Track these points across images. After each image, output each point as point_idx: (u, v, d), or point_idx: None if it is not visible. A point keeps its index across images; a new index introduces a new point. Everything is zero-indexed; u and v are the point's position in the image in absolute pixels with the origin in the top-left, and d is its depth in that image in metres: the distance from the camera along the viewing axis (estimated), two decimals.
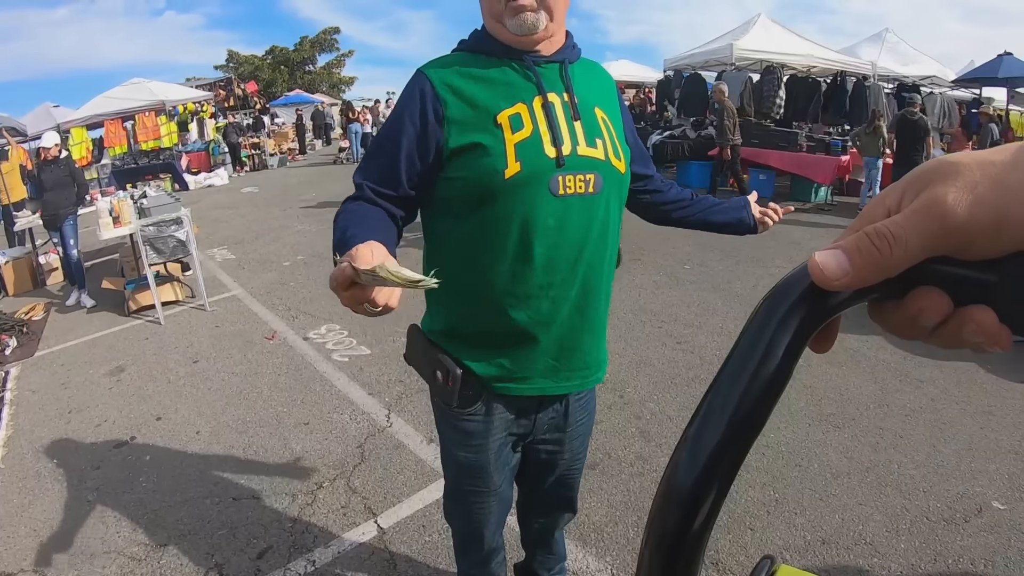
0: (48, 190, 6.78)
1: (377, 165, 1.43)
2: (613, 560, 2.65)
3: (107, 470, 3.61)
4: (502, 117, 1.36)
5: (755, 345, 0.37)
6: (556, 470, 1.81)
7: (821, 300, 0.36)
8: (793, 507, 2.89)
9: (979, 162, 0.33)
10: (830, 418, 3.62)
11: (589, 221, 1.43)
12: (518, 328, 1.45)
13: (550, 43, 1.45)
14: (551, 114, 1.39)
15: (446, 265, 1.42)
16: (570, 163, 1.37)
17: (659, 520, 0.40)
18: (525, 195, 1.35)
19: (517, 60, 1.42)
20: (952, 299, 0.35)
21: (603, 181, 1.43)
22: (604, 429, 3.62)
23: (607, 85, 1.63)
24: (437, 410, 1.68)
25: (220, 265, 8.14)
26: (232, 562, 2.78)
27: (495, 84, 1.40)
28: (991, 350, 0.35)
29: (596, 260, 1.48)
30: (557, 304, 1.45)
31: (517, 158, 1.34)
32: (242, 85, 27.54)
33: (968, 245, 0.33)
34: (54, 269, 8.18)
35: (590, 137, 1.42)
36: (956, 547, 2.60)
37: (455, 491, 1.78)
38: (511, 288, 1.42)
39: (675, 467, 0.39)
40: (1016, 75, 12.01)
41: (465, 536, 1.90)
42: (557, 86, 1.43)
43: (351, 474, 3.36)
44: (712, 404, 0.38)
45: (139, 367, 5.12)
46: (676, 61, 13.97)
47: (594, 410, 1.86)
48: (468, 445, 1.61)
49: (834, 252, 0.35)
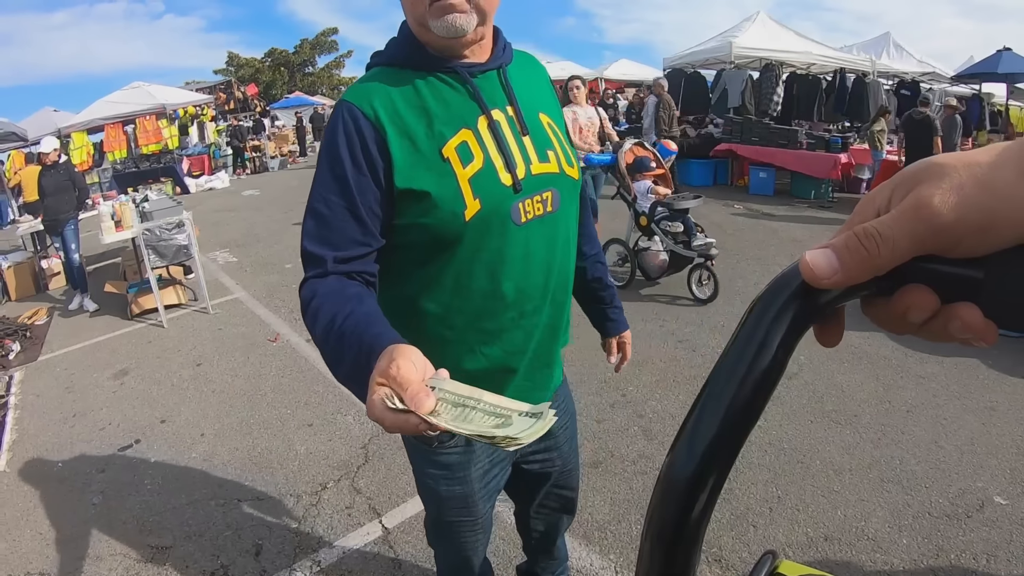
0: (49, 195, 6.80)
1: (333, 225, 1.19)
2: (616, 558, 2.66)
3: (112, 473, 3.63)
4: (448, 150, 1.20)
5: (749, 341, 0.38)
6: (551, 478, 1.74)
7: (812, 297, 0.37)
8: (795, 503, 2.89)
9: (965, 163, 0.34)
10: (831, 415, 3.62)
11: (553, 241, 1.34)
12: (493, 364, 1.36)
13: (481, 48, 1.29)
14: (499, 135, 1.25)
15: (403, 311, 1.33)
16: (527, 186, 1.26)
17: (659, 510, 0.41)
18: (488, 232, 1.23)
19: (450, 73, 1.26)
20: (939, 296, 0.35)
21: (560, 195, 1.33)
22: (606, 428, 3.63)
23: (542, 81, 1.48)
24: (409, 445, 1.57)
25: (222, 268, 8.16)
26: (237, 563, 2.79)
27: (433, 109, 1.23)
28: (977, 345, 0.36)
29: (563, 279, 1.41)
30: (530, 332, 1.37)
31: (475, 195, 1.20)
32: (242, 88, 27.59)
33: (955, 244, 0.34)
34: (56, 274, 8.20)
35: (541, 151, 1.31)
36: (958, 542, 2.61)
37: (438, 523, 1.66)
38: (482, 326, 1.32)
39: (674, 458, 0.40)
40: (1015, 70, 12.01)
41: (453, 565, 1.78)
42: (499, 99, 1.29)
43: (355, 475, 3.38)
44: (709, 398, 0.39)
45: (142, 370, 5.13)
46: (675, 60, 13.94)
47: (572, 406, 1.78)
48: (451, 478, 1.51)
49: (824, 251, 0.36)
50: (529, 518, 1.91)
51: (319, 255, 1.18)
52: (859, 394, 3.84)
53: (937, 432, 3.39)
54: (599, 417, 3.76)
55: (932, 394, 3.80)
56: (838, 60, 12.67)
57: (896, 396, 3.80)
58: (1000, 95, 14.53)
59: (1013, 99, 14.54)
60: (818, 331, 0.41)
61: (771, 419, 3.56)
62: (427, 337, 1.30)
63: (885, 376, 4.04)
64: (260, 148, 19.46)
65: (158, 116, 16.26)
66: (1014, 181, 0.32)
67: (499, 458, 1.55)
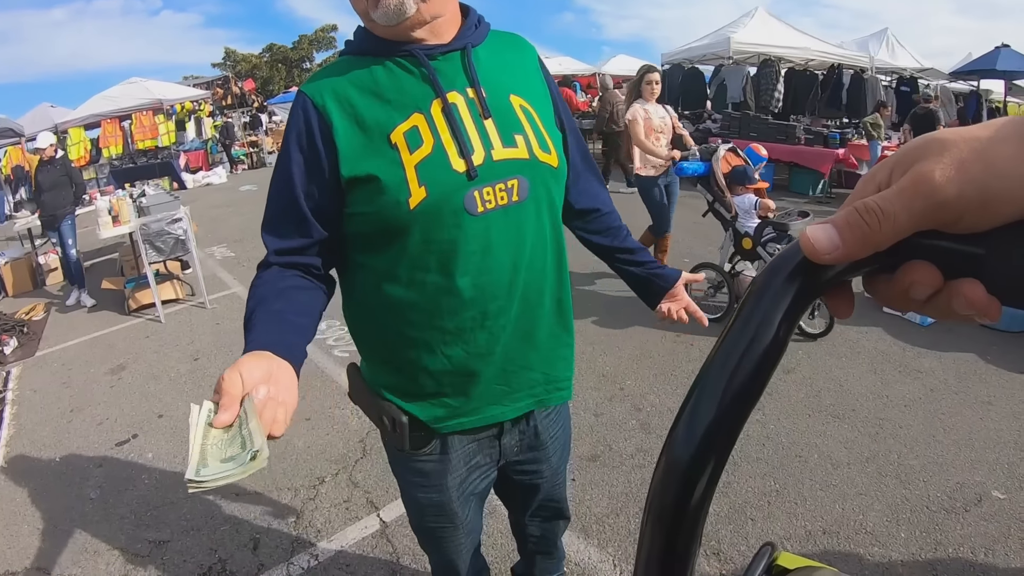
0: (45, 191, 6.78)
1: (277, 214, 1.24)
2: (615, 551, 2.66)
3: (109, 468, 3.62)
4: (396, 135, 1.16)
5: (750, 319, 0.38)
6: (541, 490, 1.67)
7: (814, 274, 0.37)
8: (794, 497, 2.90)
9: (966, 138, 0.34)
10: (830, 409, 3.62)
11: (519, 235, 1.25)
12: (456, 365, 1.29)
13: (438, 28, 1.23)
14: (454, 118, 1.19)
15: (365, 307, 1.33)
16: (485, 173, 1.18)
17: (659, 494, 0.40)
18: (438, 222, 1.18)
19: (407, 56, 1.21)
20: (942, 272, 0.35)
21: (530, 183, 1.24)
22: (604, 422, 3.63)
23: (526, 62, 1.39)
24: (389, 452, 1.52)
25: (220, 263, 8.15)
26: (235, 557, 2.79)
27: (384, 93, 1.19)
28: (981, 321, 0.36)
29: (536, 277, 1.31)
30: (495, 334, 1.28)
31: (421, 182, 1.15)
32: (240, 83, 27.50)
33: (956, 220, 0.33)
34: (53, 269, 8.18)
35: (506, 135, 1.22)
36: (956, 536, 2.61)
37: (420, 528, 1.64)
38: (440, 324, 1.26)
39: (673, 442, 0.39)
40: (1013, 68, 12.04)
41: (443, 568, 1.74)
42: (459, 81, 1.23)
43: (353, 468, 3.37)
44: (708, 378, 0.39)
45: (140, 365, 5.13)
46: (673, 55, 13.95)
47: (569, 420, 1.68)
48: (427, 486, 1.46)
49: (825, 227, 0.36)
50: (525, 526, 1.88)
51: (266, 245, 1.25)
52: (857, 388, 3.84)
53: (935, 427, 3.39)
54: (597, 411, 3.76)
55: (930, 389, 3.80)
56: (836, 56, 12.67)
57: (894, 391, 3.80)
58: (998, 92, 14.56)
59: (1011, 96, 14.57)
60: (829, 303, 0.41)
61: (769, 413, 3.56)
62: (390, 336, 1.31)
63: (883, 371, 4.05)
64: (257, 143, 19.43)
65: (155, 112, 16.26)
66: (1013, 157, 0.32)
67: (477, 464, 1.49)
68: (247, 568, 2.73)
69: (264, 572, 2.70)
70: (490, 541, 2.71)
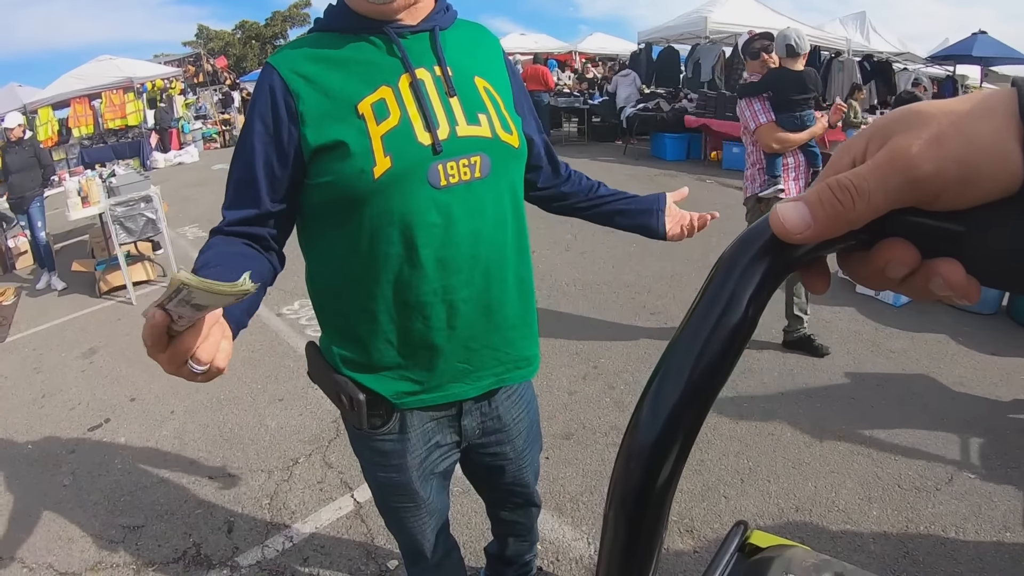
0: (13, 172, 6.62)
1: (234, 182, 1.26)
2: (588, 529, 2.67)
3: (82, 453, 3.58)
4: (363, 106, 1.19)
5: (716, 298, 0.36)
6: (506, 472, 1.67)
7: (784, 252, 0.36)
8: (766, 475, 2.93)
9: (945, 111, 0.32)
10: (802, 388, 3.66)
11: (481, 210, 1.27)
12: (416, 339, 1.31)
13: (415, 10, 1.26)
14: (421, 93, 1.22)
15: (328, 280, 1.34)
16: (449, 148, 1.21)
17: (622, 478, 0.39)
18: (401, 193, 1.19)
19: (377, 33, 1.24)
20: (920, 250, 0.34)
21: (492, 162, 1.27)
22: (578, 400, 3.64)
23: (490, 50, 1.43)
24: (349, 431, 1.52)
25: (191, 243, 8.02)
26: (210, 540, 2.77)
27: (353, 66, 1.22)
28: (960, 303, 0.35)
29: (497, 253, 1.32)
30: (456, 307, 1.30)
31: (386, 152, 1.17)
32: (211, 60, 27.07)
33: (934, 197, 0.32)
34: (23, 253, 8.02)
35: (470, 113, 1.26)
36: (927, 514, 2.65)
37: (384, 507, 1.64)
38: (402, 297, 1.27)
39: (636, 424, 0.38)
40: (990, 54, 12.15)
41: (409, 548, 1.73)
42: (427, 59, 1.26)
43: (327, 449, 3.36)
44: (673, 358, 0.37)
45: (112, 348, 5.06)
46: (650, 34, 13.89)
47: (534, 400, 1.69)
48: (387, 465, 1.47)
49: (796, 205, 0.34)
50: (494, 505, 1.89)
51: (222, 215, 1.26)
52: (830, 368, 3.88)
53: (906, 406, 3.43)
54: (571, 389, 3.77)
55: (902, 368, 3.85)
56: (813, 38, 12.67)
57: (866, 370, 3.85)
58: (974, 77, 14.69)
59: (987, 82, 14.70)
60: (804, 279, 0.40)
61: (742, 391, 3.59)
62: (352, 308, 1.32)
63: (855, 351, 4.09)
64: (229, 122, 19.14)
65: (125, 90, 15.94)
66: (994, 132, 0.30)
67: (437, 444, 1.49)
68: (222, 551, 2.71)
69: (239, 555, 2.68)
70: (464, 520, 2.72)
